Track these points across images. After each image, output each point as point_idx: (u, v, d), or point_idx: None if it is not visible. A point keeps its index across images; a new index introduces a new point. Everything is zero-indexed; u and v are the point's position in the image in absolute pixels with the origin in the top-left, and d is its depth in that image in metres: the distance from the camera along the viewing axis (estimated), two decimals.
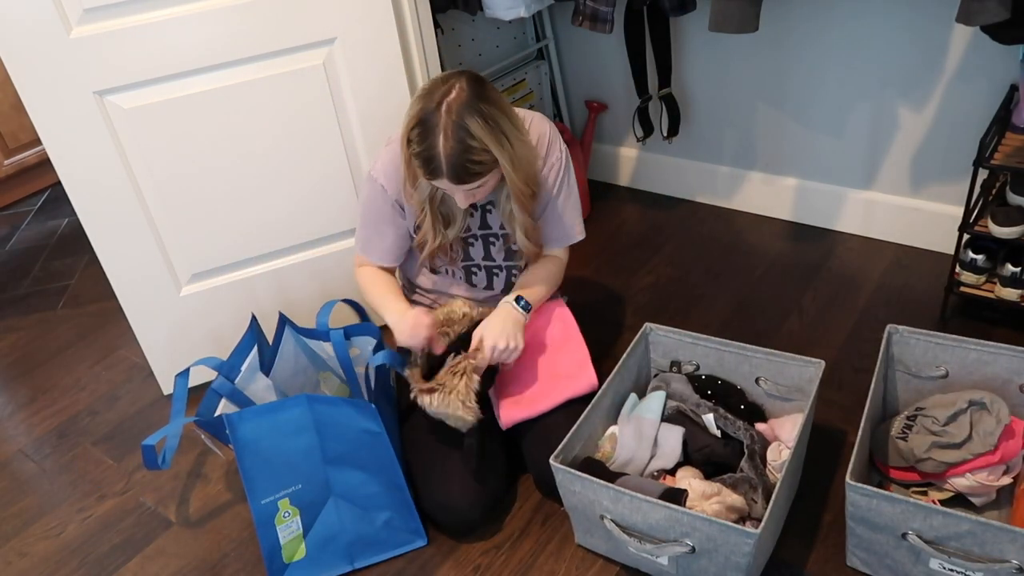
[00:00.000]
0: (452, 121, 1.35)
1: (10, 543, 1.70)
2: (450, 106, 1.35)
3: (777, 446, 1.50)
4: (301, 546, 1.50)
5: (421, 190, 1.51)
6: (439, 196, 1.53)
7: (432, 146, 1.36)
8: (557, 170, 1.58)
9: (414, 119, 1.38)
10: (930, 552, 1.23)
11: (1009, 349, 1.46)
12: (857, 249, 2.23)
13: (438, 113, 1.35)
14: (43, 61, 1.55)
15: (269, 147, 1.79)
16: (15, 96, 2.80)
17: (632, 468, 1.49)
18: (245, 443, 1.44)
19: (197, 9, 1.61)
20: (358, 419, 1.47)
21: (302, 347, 1.75)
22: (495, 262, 1.66)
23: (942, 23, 1.86)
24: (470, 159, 1.36)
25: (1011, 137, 1.75)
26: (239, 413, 1.45)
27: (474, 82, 1.39)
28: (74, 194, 1.71)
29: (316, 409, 1.45)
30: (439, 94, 1.37)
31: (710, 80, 2.32)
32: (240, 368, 1.64)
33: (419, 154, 1.38)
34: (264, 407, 1.46)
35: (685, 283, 2.19)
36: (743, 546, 1.24)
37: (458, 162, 1.36)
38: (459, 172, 1.37)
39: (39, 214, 3.09)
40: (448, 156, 1.35)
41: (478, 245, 1.64)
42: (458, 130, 1.35)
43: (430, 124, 1.36)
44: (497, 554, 1.53)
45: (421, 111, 1.37)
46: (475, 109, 1.36)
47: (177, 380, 1.63)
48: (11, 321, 2.46)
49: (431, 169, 1.38)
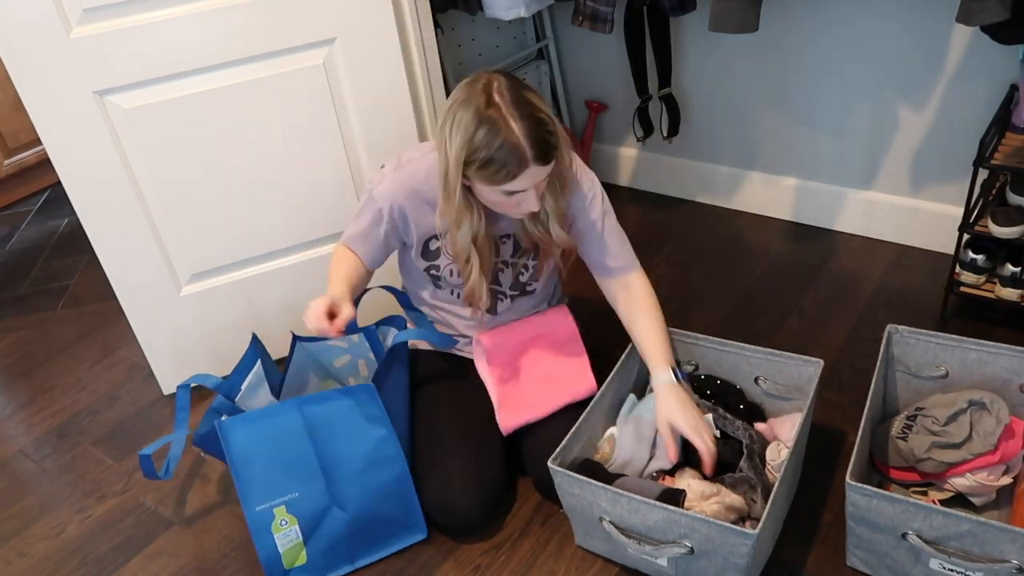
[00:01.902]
0: (512, 104, 1.28)
1: (10, 543, 1.70)
2: (501, 94, 1.29)
3: (776, 446, 1.50)
4: (302, 553, 1.49)
5: (464, 233, 1.43)
6: (480, 236, 1.46)
7: (508, 135, 1.27)
8: (600, 197, 1.54)
9: (472, 124, 1.28)
10: (930, 552, 1.23)
11: (1009, 349, 1.46)
12: (857, 249, 2.23)
13: (494, 106, 1.28)
14: (43, 61, 1.56)
15: (269, 147, 1.79)
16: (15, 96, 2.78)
17: (631, 469, 1.49)
18: (237, 450, 1.45)
19: (197, 9, 1.61)
20: (355, 409, 1.46)
21: (306, 360, 1.75)
22: (501, 287, 1.63)
23: (942, 23, 1.86)
24: (547, 131, 1.30)
25: (1011, 137, 1.75)
26: (230, 420, 1.45)
27: (504, 72, 1.34)
28: (74, 194, 1.71)
29: (307, 412, 1.45)
30: (480, 93, 1.29)
31: (710, 80, 2.32)
32: (240, 387, 1.63)
33: (497, 156, 1.28)
34: (254, 413, 1.47)
35: (685, 283, 2.19)
36: (741, 547, 1.24)
37: (540, 136, 1.28)
38: (545, 148, 1.29)
39: (39, 214, 3.09)
40: (529, 135, 1.27)
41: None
42: (524, 107, 1.28)
43: (493, 119, 1.27)
44: (497, 554, 1.53)
45: (476, 115, 1.28)
46: (523, 86, 1.32)
47: (179, 391, 1.63)
48: (11, 321, 2.46)
49: (517, 160, 1.28)
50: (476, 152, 1.30)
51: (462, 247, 1.46)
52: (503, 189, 1.34)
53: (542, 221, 1.48)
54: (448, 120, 1.33)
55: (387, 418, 1.48)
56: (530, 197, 1.37)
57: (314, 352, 1.77)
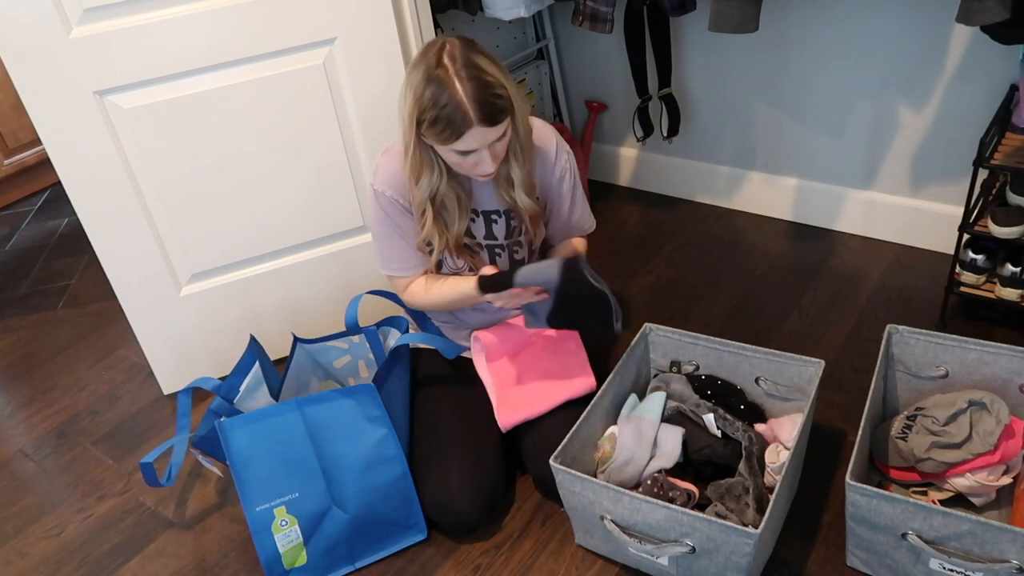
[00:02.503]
0: (460, 66, 1.32)
1: (10, 543, 1.70)
2: (452, 55, 1.33)
3: (775, 448, 1.50)
4: (302, 553, 1.49)
5: (422, 188, 1.49)
6: (440, 194, 1.51)
7: (453, 95, 1.32)
8: (571, 171, 1.60)
9: (421, 84, 1.34)
10: (930, 552, 1.23)
11: (1009, 349, 1.46)
12: (857, 249, 2.23)
13: (443, 67, 1.33)
14: (43, 61, 1.56)
15: (269, 147, 1.79)
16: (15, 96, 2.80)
17: (632, 468, 1.49)
18: (237, 450, 1.45)
19: (197, 9, 1.61)
20: (355, 409, 1.46)
21: (305, 361, 1.75)
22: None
23: (942, 23, 1.86)
24: (492, 93, 1.34)
25: (1011, 137, 1.75)
26: (230, 420, 1.45)
27: (461, 37, 1.39)
28: (74, 194, 1.71)
29: (307, 412, 1.45)
30: (432, 55, 1.34)
31: (710, 80, 2.32)
32: (239, 388, 1.64)
33: (441, 115, 1.33)
34: (254, 413, 1.47)
35: (685, 283, 2.19)
36: (743, 546, 1.24)
37: (483, 98, 1.32)
38: (488, 110, 1.33)
39: (39, 214, 3.09)
40: (472, 96, 1.32)
41: (482, 254, 1.62)
42: (471, 69, 1.33)
43: (441, 79, 1.32)
44: (497, 554, 1.53)
45: (425, 75, 1.34)
46: (476, 50, 1.36)
47: (180, 396, 1.63)
48: (11, 321, 2.46)
49: (460, 120, 1.33)
50: (424, 111, 1.35)
51: (419, 201, 1.51)
52: (452, 148, 1.38)
53: (508, 190, 1.53)
54: (406, 81, 1.39)
55: (388, 418, 1.48)
56: (484, 158, 1.40)
57: (314, 353, 1.77)
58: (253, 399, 1.66)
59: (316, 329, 1.91)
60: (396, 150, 1.51)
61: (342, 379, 1.83)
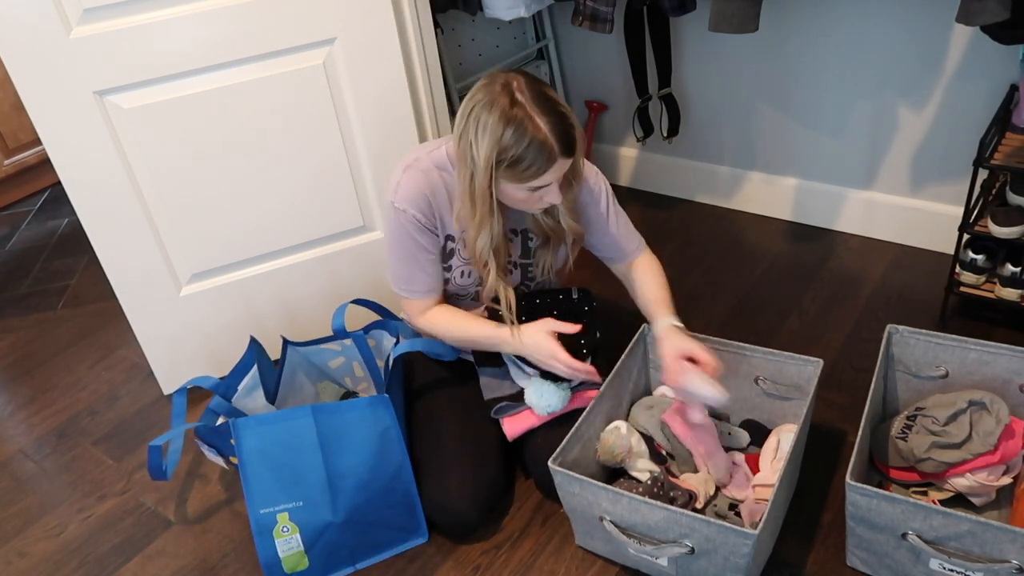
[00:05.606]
0: (535, 101, 1.31)
1: (10, 543, 1.70)
2: (523, 92, 1.31)
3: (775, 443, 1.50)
4: (304, 559, 1.49)
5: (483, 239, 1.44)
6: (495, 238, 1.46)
7: (536, 133, 1.30)
8: (606, 190, 1.58)
9: (499, 126, 1.30)
10: (930, 552, 1.23)
11: (1009, 349, 1.46)
12: (857, 249, 2.23)
13: (519, 105, 1.30)
14: (43, 61, 1.55)
15: (269, 147, 1.79)
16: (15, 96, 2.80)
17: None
18: (249, 451, 1.45)
19: (197, 9, 1.61)
20: (368, 419, 1.46)
21: (300, 362, 1.75)
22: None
23: (942, 23, 1.86)
24: (569, 123, 1.33)
25: (1011, 137, 1.75)
26: (245, 420, 1.45)
27: (519, 71, 1.36)
28: (74, 194, 1.71)
29: (321, 420, 1.45)
30: (502, 95, 1.31)
31: (710, 80, 2.32)
32: (237, 388, 1.64)
33: (525, 154, 1.30)
34: (269, 416, 1.47)
35: (685, 283, 2.19)
36: (742, 547, 1.24)
37: (565, 130, 1.32)
38: (569, 141, 1.32)
39: (39, 214, 3.09)
40: (554, 129, 1.30)
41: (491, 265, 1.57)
42: (546, 103, 1.31)
43: (520, 118, 1.30)
44: (497, 554, 1.53)
45: (502, 116, 1.30)
46: (540, 82, 1.35)
47: (175, 397, 1.63)
48: (11, 321, 2.46)
49: (546, 156, 1.31)
50: (504, 152, 1.32)
51: (482, 252, 1.47)
52: (530, 186, 1.36)
53: (553, 214, 1.51)
54: (472, 125, 1.34)
55: (399, 429, 1.48)
56: (553, 190, 1.40)
57: (308, 355, 1.77)
58: (251, 399, 1.66)
59: (316, 329, 1.90)
60: (420, 167, 1.47)
61: (339, 379, 1.84)
